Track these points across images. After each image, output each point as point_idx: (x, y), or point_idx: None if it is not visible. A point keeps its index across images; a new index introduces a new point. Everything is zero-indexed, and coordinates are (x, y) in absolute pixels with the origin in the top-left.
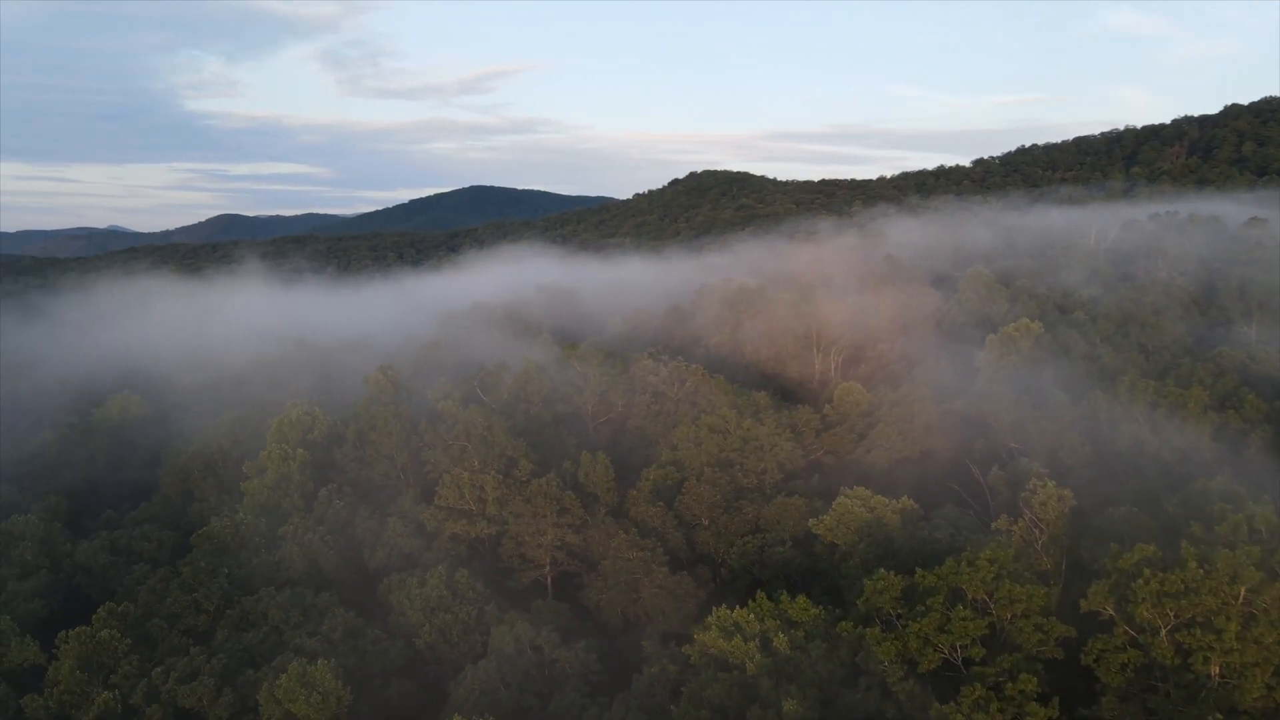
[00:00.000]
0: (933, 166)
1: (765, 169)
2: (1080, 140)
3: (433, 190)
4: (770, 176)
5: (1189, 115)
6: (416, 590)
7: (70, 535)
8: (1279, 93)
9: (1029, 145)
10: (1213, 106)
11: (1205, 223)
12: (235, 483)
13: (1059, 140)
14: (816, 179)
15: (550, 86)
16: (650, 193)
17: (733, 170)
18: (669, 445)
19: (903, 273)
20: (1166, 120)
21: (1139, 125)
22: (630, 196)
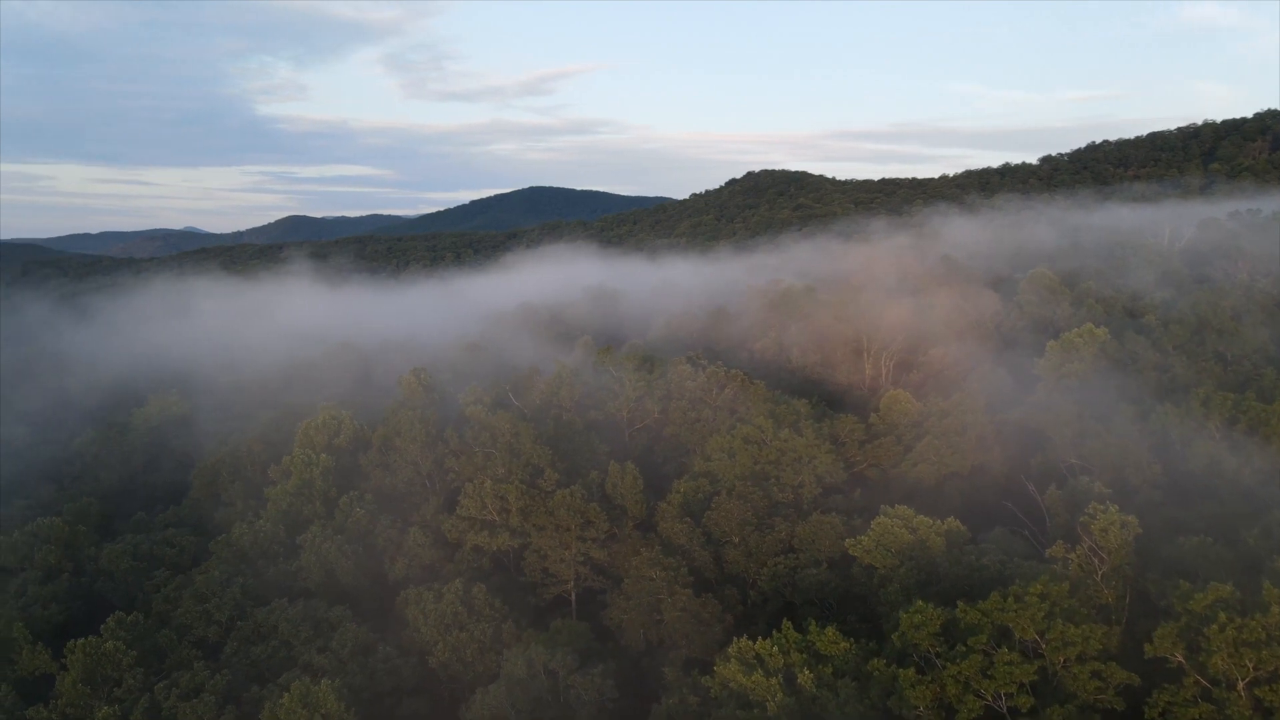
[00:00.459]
0: (998, 165)
1: (826, 169)
2: (1155, 135)
3: (492, 191)
4: (829, 176)
5: (1273, 109)
6: (432, 605)
7: (98, 537)
8: None
9: (1100, 142)
10: None
11: None
12: (263, 487)
13: (1132, 136)
14: (877, 178)
15: (611, 87)
16: (707, 193)
17: (791, 170)
18: (702, 456)
19: (959, 274)
20: (1249, 114)
21: (1218, 120)
22: (687, 197)
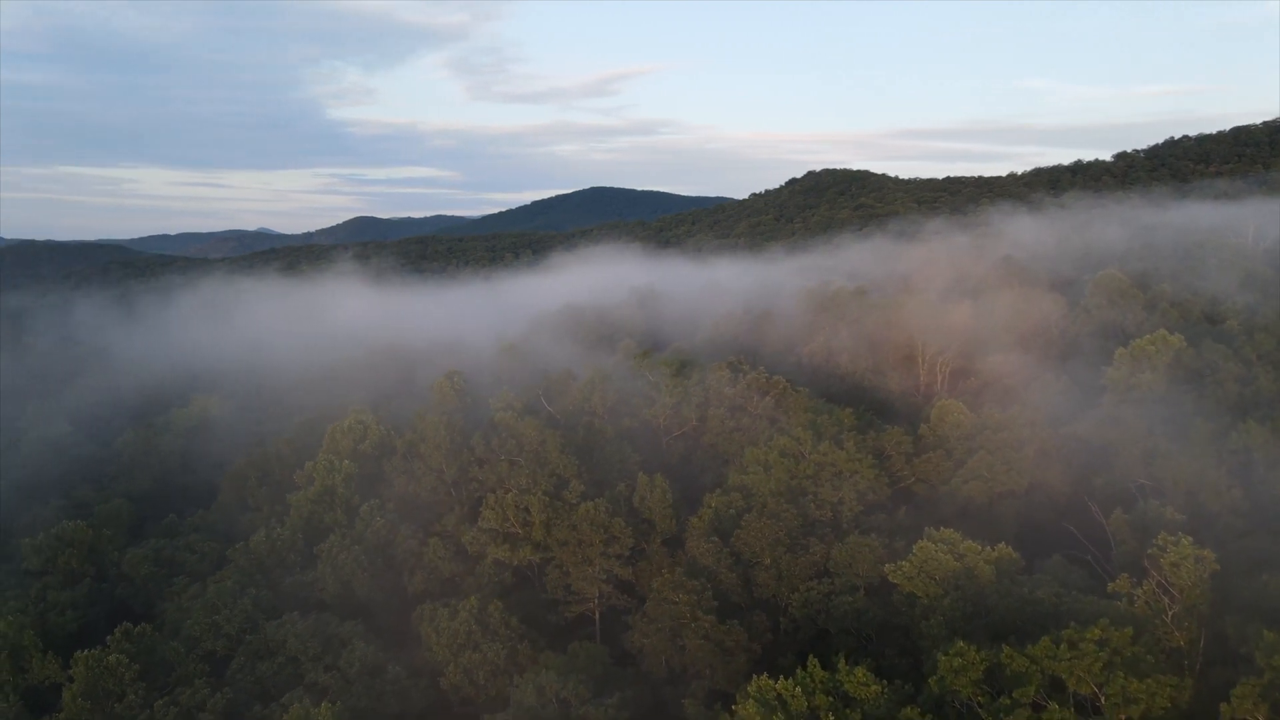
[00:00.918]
0: (1069, 163)
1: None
2: (1239, 130)
3: (554, 192)
4: (892, 175)
5: None
6: (445, 623)
7: (127, 540)
8: None
9: (1179, 137)
10: None
11: None
12: (289, 492)
13: (1213, 132)
14: (941, 177)
15: (673, 88)
16: (766, 193)
17: (853, 169)
18: (738, 468)
19: (1022, 276)
20: None
21: None
22: (747, 197)
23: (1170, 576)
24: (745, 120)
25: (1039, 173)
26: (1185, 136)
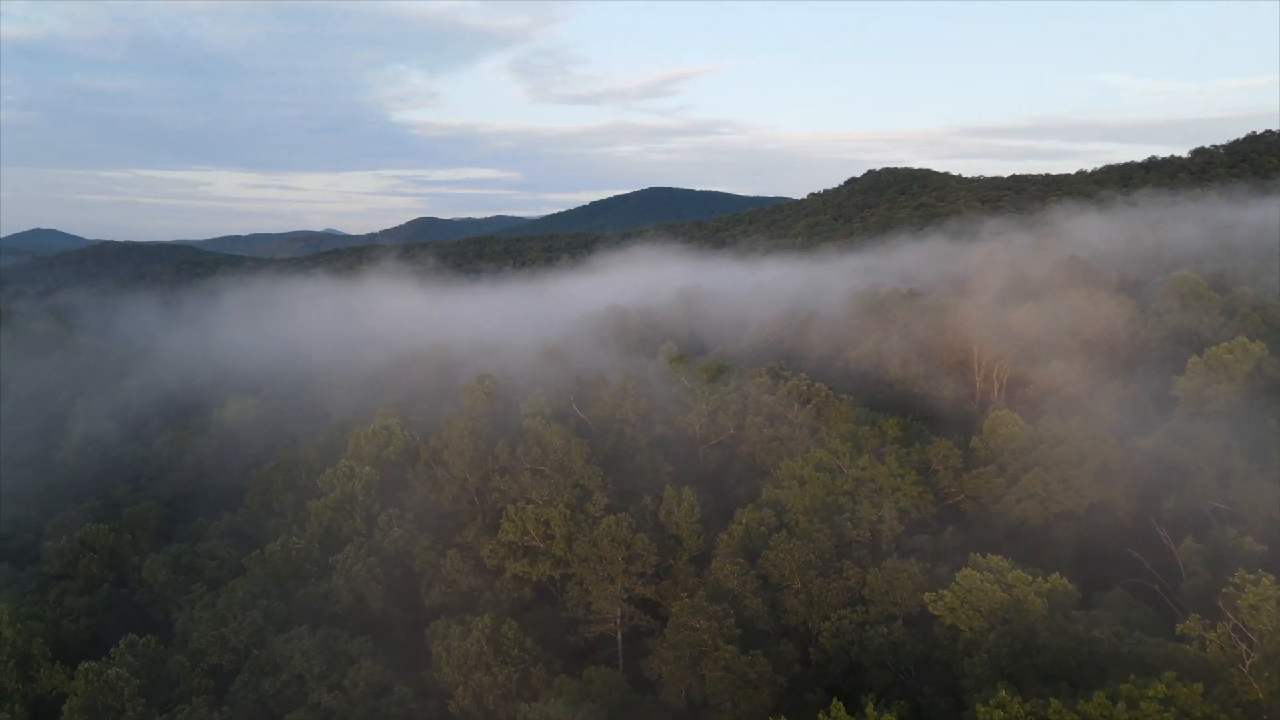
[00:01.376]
0: (1142, 159)
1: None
2: None
3: (612, 192)
4: (955, 174)
5: None
6: (457, 642)
7: (155, 542)
8: None
9: (1261, 132)
10: None
11: None
12: (312, 498)
13: None
14: (1006, 175)
15: (732, 87)
16: (825, 192)
17: (914, 168)
18: (773, 481)
19: (1088, 277)
20: None
21: None
22: (805, 197)
23: (1248, 620)
24: (805, 119)
25: (1110, 170)
26: (1269, 131)
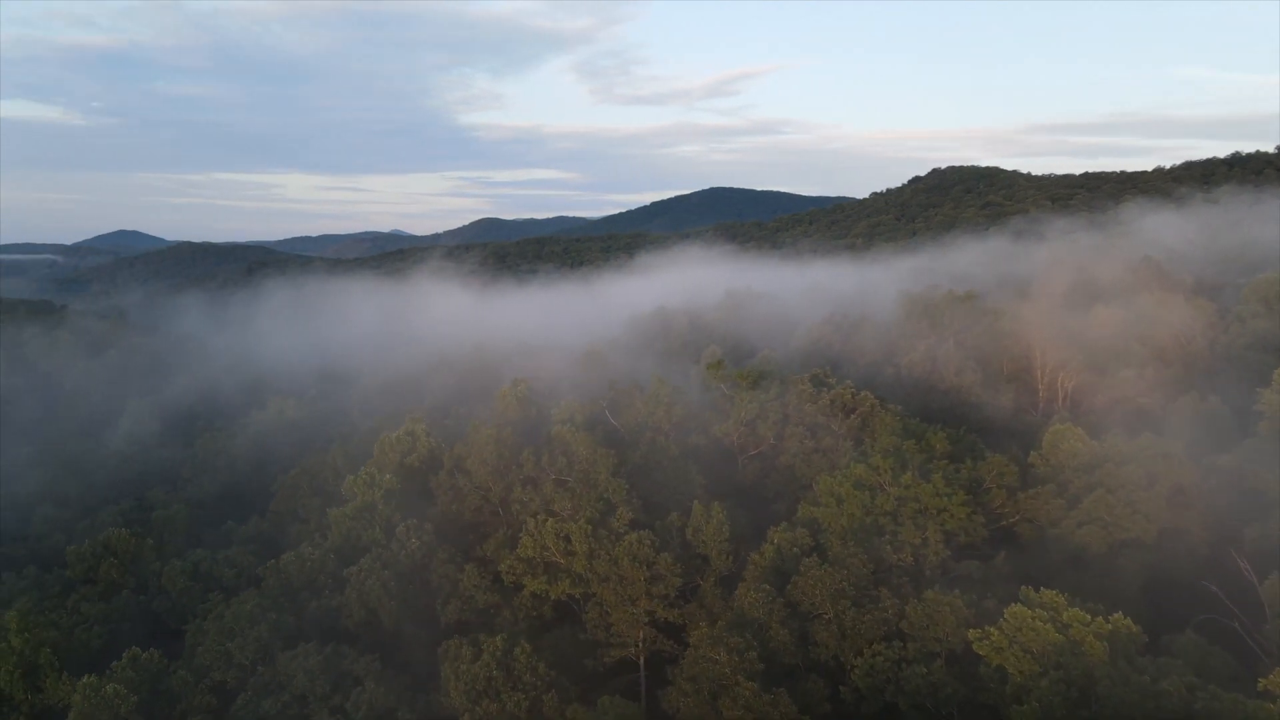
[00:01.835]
0: (1225, 155)
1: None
2: None
3: (674, 192)
4: (1024, 172)
5: None
6: (467, 665)
7: (182, 547)
8: None
9: None
10: None
11: None
12: (333, 506)
13: None
14: (1078, 173)
15: (795, 86)
16: (888, 192)
17: (981, 166)
18: (810, 498)
19: (1163, 279)
20: None
21: None
22: (867, 196)
23: None
24: (869, 118)
25: (1189, 166)
26: None
